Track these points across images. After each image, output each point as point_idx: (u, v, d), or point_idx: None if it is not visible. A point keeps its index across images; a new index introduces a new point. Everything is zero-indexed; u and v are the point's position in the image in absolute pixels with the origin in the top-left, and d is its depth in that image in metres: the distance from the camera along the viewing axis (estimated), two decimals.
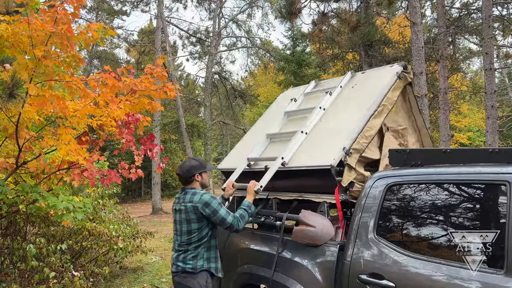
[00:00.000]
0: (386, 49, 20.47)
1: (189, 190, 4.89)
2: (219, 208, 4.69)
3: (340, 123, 5.51)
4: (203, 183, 5.04)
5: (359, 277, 3.81)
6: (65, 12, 5.78)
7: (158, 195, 28.81)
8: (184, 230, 4.77)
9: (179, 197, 4.95)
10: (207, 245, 4.81)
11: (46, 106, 5.97)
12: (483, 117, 31.38)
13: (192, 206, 4.71)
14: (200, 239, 4.75)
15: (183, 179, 5.00)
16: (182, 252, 4.79)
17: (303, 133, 5.59)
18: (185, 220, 4.76)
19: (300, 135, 5.57)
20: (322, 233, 4.36)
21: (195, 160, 5.15)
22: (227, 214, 4.68)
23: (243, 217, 4.76)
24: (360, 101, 5.65)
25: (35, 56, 5.60)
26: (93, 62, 36.74)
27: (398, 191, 4.06)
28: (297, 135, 5.58)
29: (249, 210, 4.85)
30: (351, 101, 5.90)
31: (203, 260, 4.76)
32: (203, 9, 47.24)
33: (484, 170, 3.54)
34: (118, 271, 10.40)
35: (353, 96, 6.01)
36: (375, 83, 5.82)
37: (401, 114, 5.95)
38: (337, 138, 5.13)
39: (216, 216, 4.66)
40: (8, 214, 7.43)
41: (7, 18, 5.62)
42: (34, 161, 6.59)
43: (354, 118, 5.34)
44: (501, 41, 23.11)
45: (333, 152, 4.85)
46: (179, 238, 4.85)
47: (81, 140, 7.22)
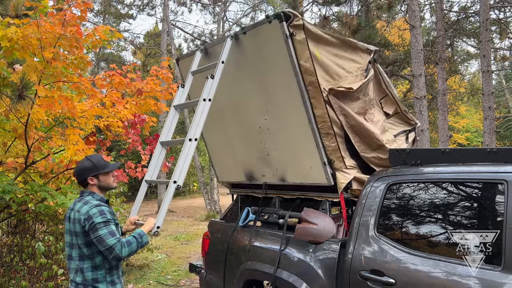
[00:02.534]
0: (386, 51, 20.44)
1: (85, 196, 4.10)
2: (101, 226, 3.81)
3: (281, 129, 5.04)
4: (102, 186, 4.20)
5: (360, 273, 3.81)
6: (73, 15, 5.80)
7: (163, 194, 28.78)
8: (68, 241, 3.99)
9: (74, 202, 4.11)
10: (94, 264, 3.92)
11: (54, 107, 5.98)
12: (480, 118, 31.44)
13: (78, 217, 3.88)
14: (87, 257, 3.91)
15: (78, 183, 4.29)
16: (69, 267, 3.99)
17: (191, 141, 4.60)
18: (69, 231, 3.97)
19: (189, 144, 4.60)
20: (324, 230, 4.36)
21: (88, 161, 4.19)
22: (108, 235, 3.79)
23: (129, 244, 3.86)
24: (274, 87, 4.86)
25: (44, 58, 5.62)
26: (100, 64, 36.75)
27: (398, 190, 4.06)
28: (185, 146, 4.61)
29: (139, 239, 3.95)
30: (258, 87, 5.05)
31: (87, 282, 3.90)
32: (207, 13, 47.36)
33: (482, 169, 3.54)
34: (125, 268, 10.39)
35: (256, 75, 5.05)
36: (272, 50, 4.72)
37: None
38: (304, 154, 4.92)
39: (94, 235, 3.79)
40: (18, 213, 7.44)
41: (17, 21, 5.63)
42: (43, 161, 6.60)
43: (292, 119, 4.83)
44: (498, 44, 23.14)
45: (319, 174, 4.82)
46: (66, 250, 4.06)
47: (89, 140, 7.25)
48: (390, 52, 20.73)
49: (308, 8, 18.31)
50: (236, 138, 5.91)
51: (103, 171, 4.16)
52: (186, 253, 13.14)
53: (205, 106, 4.71)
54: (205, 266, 6.03)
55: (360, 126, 4.93)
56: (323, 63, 4.69)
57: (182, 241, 15.38)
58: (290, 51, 4.40)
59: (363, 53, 5.41)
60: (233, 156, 6.09)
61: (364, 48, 5.44)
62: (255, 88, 5.15)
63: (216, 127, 6.10)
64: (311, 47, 4.49)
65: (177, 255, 12.81)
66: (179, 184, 4.45)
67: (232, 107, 5.69)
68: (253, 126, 5.44)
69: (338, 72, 4.90)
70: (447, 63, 19.62)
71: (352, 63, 5.17)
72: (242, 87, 5.34)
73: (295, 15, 4.36)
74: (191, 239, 15.75)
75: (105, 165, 4.21)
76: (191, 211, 27.69)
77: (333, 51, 4.90)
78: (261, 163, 5.60)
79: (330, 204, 4.86)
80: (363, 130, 4.98)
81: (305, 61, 4.45)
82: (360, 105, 5.09)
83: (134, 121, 7.26)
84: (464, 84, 30.87)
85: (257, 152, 5.57)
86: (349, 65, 5.10)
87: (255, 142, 5.51)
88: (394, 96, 5.98)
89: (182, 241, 15.38)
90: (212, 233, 6.06)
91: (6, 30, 5.45)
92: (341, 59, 5.00)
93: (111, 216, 3.99)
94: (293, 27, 4.37)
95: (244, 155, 5.88)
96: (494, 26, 20.52)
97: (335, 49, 4.93)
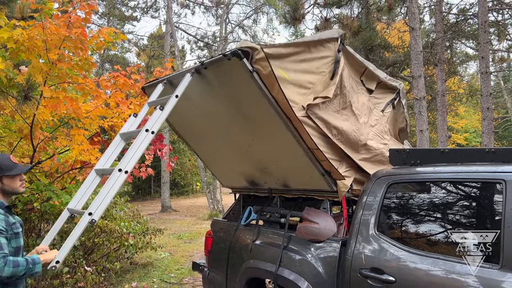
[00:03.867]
0: (386, 53, 20.44)
1: None
2: None
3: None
4: (6, 190, 3.71)
5: (361, 271, 3.81)
6: (78, 17, 5.81)
7: (167, 194, 28.79)
8: None
9: None
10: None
11: (59, 107, 6.00)
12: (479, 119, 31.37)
13: None
14: None
15: None
16: None
17: (121, 171, 3.95)
18: None
19: (118, 175, 3.94)
20: (325, 229, 4.36)
21: None
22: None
23: (16, 265, 3.28)
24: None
25: (49, 60, 5.63)
26: (104, 66, 36.78)
27: (398, 189, 4.06)
28: (114, 176, 3.94)
29: (31, 265, 3.37)
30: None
31: None
32: (210, 15, 47.43)
33: (480, 169, 3.53)
34: (129, 267, 10.42)
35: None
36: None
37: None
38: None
39: None
40: (23, 212, 7.45)
41: (23, 23, 5.65)
42: (48, 161, 6.62)
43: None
44: (496, 45, 23.09)
45: (320, 182, 4.76)
46: None
47: (93, 140, 7.26)
48: (390, 53, 20.72)
49: (309, 10, 18.28)
50: (229, 154, 5.77)
51: (8, 173, 3.68)
52: (189, 251, 13.15)
53: (146, 137, 4.19)
54: (208, 264, 6.03)
55: (342, 134, 4.77)
56: (293, 79, 4.43)
57: (185, 240, 15.39)
58: (258, 85, 4.10)
59: (330, 43, 4.96)
60: (231, 168, 6.04)
61: (329, 37, 4.98)
62: (235, 114, 4.88)
63: (205, 143, 5.99)
64: (277, 72, 4.14)
65: (180, 253, 12.82)
66: (93, 218, 3.77)
67: (218, 129, 5.45)
68: (243, 146, 5.28)
69: (310, 79, 4.66)
70: (446, 64, 19.59)
71: (321, 60, 4.82)
72: (221, 112, 5.04)
73: (254, 50, 4.01)
74: (194, 238, 15.76)
75: (11, 166, 3.72)
76: (194, 210, 27.72)
77: (299, 58, 4.60)
78: (261, 173, 5.53)
79: (331, 203, 4.86)
80: (345, 136, 4.81)
81: (277, 93, 4.16)
82: (340, 100, 4.91)
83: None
84: (463, 85, 30.82)
85: (254, 165, 5.50)
86: (319, 63, 4.78)
87: (249, 158, 5.40)
88: (371, 68, 5.78)
89: (185, 240, 15.39)
90: (214, 232, 6.06)
91: (12, 32, 5.46)
92: (309, 62, 4.71)
93: (6, 226, 3.48)
94: (255, 62, 4.03)
95: (242, 167, 5.79)
96: (493, 28, 20.51)
97: (301, 56, 4.64)
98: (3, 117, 6.89)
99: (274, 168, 5.26)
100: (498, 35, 21.34)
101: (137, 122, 4.85)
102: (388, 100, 5.94)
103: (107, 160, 4.54)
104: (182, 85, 4.44)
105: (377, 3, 19.66)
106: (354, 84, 5.32)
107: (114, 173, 3.92)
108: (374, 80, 5.72)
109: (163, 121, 4.34)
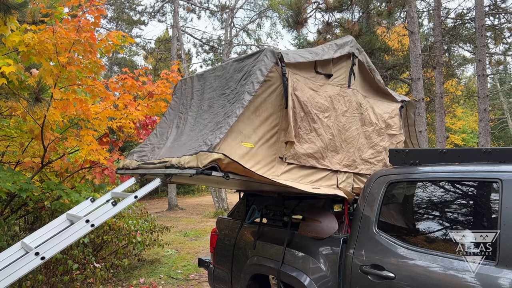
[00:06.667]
0: (386, 56, 20.41)
1: None
2: None
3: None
4: None
5: (361, 268, 3.81)
6: (87, 21, 5.82)
7: (174, 192, 28.80)
8: None
9: None
10: None
11: (69, 109, 6.01)
12: (476, 120, 31.32)
13: None
14: None
15: None
16: None
17: (38, 255, 3.41)
18: None
19: (31, 259, 3.40)
20: (327, 227, 4.34)
21: None
22: None
23: None
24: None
25: (59, 63, 5.64)
26: (113, 69, 36.87)
27: (397, 188, 4.06)
28: (27, 258, 3.40)
29: None
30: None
31: None
32: (215, 19, 47.48)
33: (477, 168, 3.52)
34: (137, 263, 10.42)
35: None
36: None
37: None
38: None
39: None
40: (34, 210, 7.47)
41: (34, 27, 5.66)
42: (58, 161, 6.63)
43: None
44: (493, 48, 23.03)
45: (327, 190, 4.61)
46: None
47: (102, 141, 7.27)
48: (390, 56, 20.70)
49: (311, 15, 18.23)
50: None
51: None
52: (195, 248, 13.14)
53: (83, 229, 3.72)
54: (213, 261, 6.03)
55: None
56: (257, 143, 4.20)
57: (191, 237, 15.39)
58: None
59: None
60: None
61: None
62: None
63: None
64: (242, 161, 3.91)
65: (186, 250, 12.82)
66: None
67: None
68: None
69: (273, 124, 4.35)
70: (444, 67, 19.55)
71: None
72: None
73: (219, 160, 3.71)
74: (200, 235, 15.76)
75: None
76: (200, 208, 27.71)
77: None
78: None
79: (333, 201, 4.85)
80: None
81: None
82: (347, 119, 4.90)
83: (146, 122, 7.28)
84: (461, 87, 30.77)
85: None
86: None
87: None
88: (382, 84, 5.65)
89: (191, 237, 15.39)
90: (220, 230, 6.07)
91: (23, 36, 5.48)
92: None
93: None
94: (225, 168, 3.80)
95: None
96: (489, 32, 20.44)
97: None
98: (15, 118, 6.90)
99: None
100: (495, 39, 21.27)
101: (91, 207, 4.56)
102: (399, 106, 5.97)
103: (41, 236, 4.26)
104: (146, 189, 4.19)
105: (378, 8, 19.64)
106: (362, 98, 5.23)
107: (29, 255, 3.43)
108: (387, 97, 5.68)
109: (109, 218, 3.98)
